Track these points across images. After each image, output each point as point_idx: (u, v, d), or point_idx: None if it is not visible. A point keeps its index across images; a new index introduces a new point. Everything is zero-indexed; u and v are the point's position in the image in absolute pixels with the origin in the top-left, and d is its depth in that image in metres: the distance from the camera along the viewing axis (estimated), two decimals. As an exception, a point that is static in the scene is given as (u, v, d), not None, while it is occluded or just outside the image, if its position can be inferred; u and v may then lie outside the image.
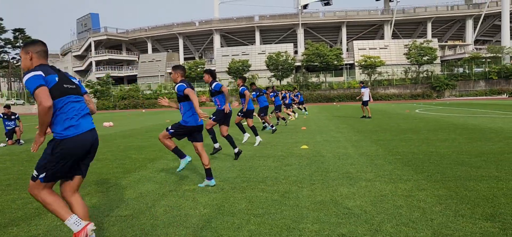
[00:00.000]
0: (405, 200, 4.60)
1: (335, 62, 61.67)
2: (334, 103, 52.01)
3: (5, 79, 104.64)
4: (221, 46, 79.71)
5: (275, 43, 77.38)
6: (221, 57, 73.86)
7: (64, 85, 3.16)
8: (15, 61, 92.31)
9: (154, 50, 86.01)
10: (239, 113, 10.40)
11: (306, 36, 77.31)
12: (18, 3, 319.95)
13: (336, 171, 6.36)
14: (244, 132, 10.62)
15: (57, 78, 3.10)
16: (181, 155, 5.59)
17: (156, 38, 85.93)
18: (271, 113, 18.35)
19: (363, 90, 19.06)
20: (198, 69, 66.89)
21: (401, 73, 62.39)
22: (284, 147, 9.58)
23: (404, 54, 62.37)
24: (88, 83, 68.57)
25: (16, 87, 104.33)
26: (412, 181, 5.53)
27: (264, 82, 62.40)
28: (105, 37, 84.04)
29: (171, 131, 5.61)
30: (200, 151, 5.63)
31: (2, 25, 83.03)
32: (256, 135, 10.36)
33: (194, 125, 5.56)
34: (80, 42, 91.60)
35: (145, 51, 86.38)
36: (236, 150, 7.94)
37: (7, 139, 12.47)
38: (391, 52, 69.94)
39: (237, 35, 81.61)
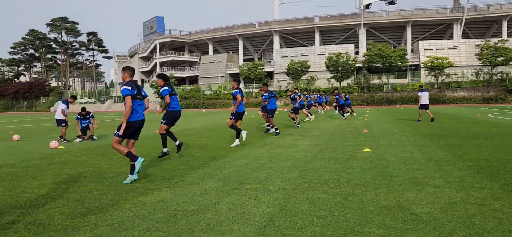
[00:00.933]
0: (478, 208, 4.34)
1: (399, 63, 59.25)
2: (397, 106, 50.11)
3: (79, 79, 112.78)
4: (280, 47, 79.84)
5: (336, 44, 76.05)
6: (280, 58, 73.96)
7: None
8: (88, 63, 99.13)
9: (215, 51, 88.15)
10: (231, 116, 10.60)
11: (368, 36, 75.16)
12: (91, 8, 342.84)
13: (402, 176, 6.13)
14: (237, 137, 10.63)
15: None
16: (134, 158, 6.05)
17: (217, 40, 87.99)
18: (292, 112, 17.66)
19: (421, 93, 18.69)
20: (257, 70, 67.51)
21: (471, 75, 58.54)
22: (345, 149, 9.41)
23: (475, 54, 58.47)
24: (152, 83, 71.74)
25: (88, 86, 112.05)
26: (486, 189, 5.19)
27: (324, 83, 61.58)
28: (169, 39, 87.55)
29: (129, 135, 6.17)
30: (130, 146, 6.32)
31: (77, 29, 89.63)
32: (237, 137, 10.53)
33: (137, 120, 6.16)
34: (146, 44, 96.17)
35: (206, 52, 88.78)
36: (177, 143, 8.61)
37: (82, 135, 13.42)
38: (460, 53, 65.97)
39: (297, 36, 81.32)
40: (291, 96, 17.15)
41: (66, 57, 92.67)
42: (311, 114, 21.47)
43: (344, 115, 22.83)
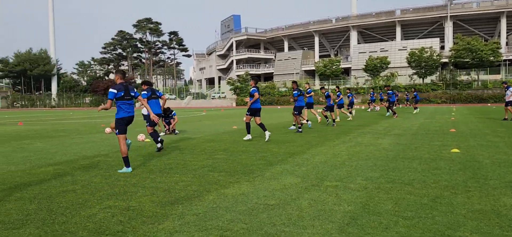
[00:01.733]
0: None
1: (491, 58, 54.35)
2: (489, 104, 46.15)
3: (161, 76, 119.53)
4: (358, 43, 77.59)
5: (418, 38, 71.93)
6: (358, 54, 71.88)
7: None
8: (169, 61, 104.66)
9: (290, 48, 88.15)
10: (247, 113, 11.17)
11: (456, 29, 69.97)
12: (173, 8, 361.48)
13: (497, 179, 5.64)
14: (248, 132, 11.26)
15: None
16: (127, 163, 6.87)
17: (292, 37, 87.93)
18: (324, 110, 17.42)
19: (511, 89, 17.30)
20: (334, 67, 66.27)
21: None
22: (430, 149, 8.88)
23: None
24: (229, 80, 73.77)
25: (169, 84, 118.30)
26: None
27: (404, 80, 58.66)
28: (245, 37, 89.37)
29: (117, 131, 6.89)
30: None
31: (160, 29, 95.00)
32: (265, 130, 10.97)
33: (125, 117, 6.89)
34: (223, 43, 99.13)
35: (282, 49, 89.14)
36: (158, 145, 8.98)
37: (166, 128, 14.25)
38: None
39: (376, 31, 78.36)
40: (326, 94, 17.30)
41: (150, 56, 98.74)
42: (350, 113, 21.30)
43: (395, 114, 21.90)
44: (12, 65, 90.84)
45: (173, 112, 14.59)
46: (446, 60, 59.79)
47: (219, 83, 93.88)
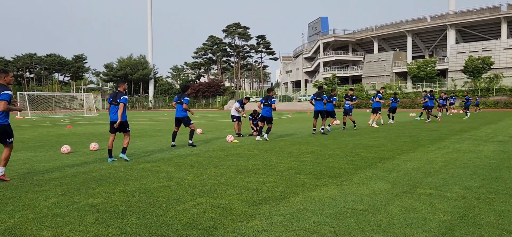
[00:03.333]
0: None
1: None
2: None
3: (249, 79, 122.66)
4: (456, 42, 71.95)
5: (528, 35, 64.64)
6: (456, 55, 66.66)
7: None
8: (256, 64, 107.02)
9: (380, 49, 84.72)
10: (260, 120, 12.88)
11: None
12: (260, 12, 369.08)
13: None
14: (260, 134, 12.48)
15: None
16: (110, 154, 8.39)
17: (383, 38, 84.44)
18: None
19: None
20: (428, 69, 62.32)
21: None
22: (542, 158, 7.94)
23: None
24: (315, 83, 73.15)
25: (256, 86, 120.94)
26: None
27: (511, 82, 52.97)
28: (332, 39, 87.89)
29: (111, 130, 8.37)
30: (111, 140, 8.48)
31: (248, 34, 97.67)
32: (261, 134, 12.53)
33: (111, 121, 8.33)
34: (310, 45, 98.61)
35: (371, 51, 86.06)
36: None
37: (253, 130, 14.60)
38: None
39: (477, 29, 71.93)
40: (354, 98, 17.96)
41: (238, 60, 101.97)
42: (392, 119, 21.30)
43: (428, 119, 21.08)
44: (115, 70, 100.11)
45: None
46: None
47: (306, 86, 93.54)
